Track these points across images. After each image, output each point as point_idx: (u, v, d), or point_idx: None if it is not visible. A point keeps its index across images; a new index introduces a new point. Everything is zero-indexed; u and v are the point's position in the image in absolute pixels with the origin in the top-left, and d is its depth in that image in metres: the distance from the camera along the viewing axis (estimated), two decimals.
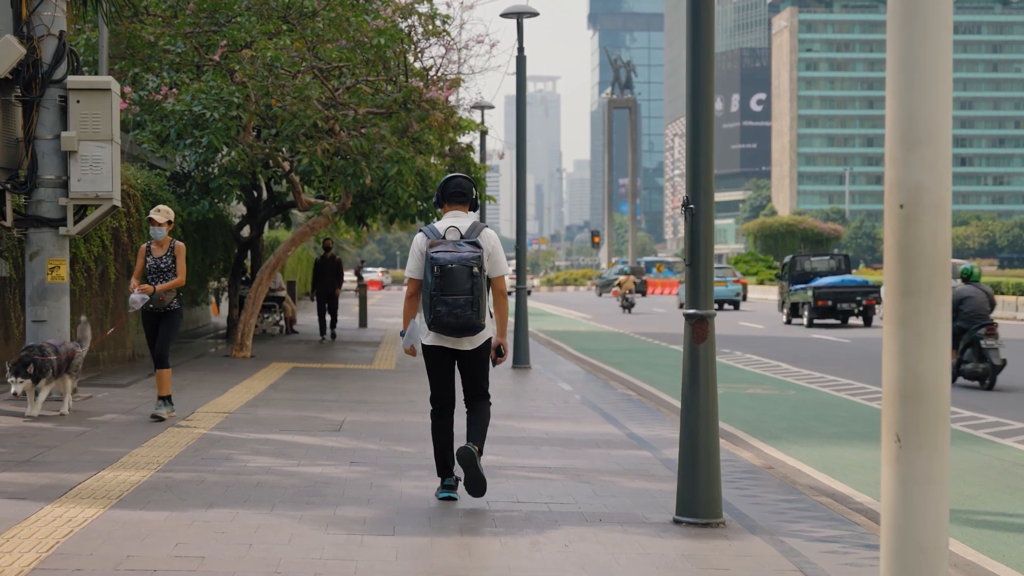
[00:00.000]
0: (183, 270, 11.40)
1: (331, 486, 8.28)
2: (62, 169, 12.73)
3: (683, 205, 7.42)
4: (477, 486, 7.67)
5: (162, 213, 11.38)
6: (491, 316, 7.89)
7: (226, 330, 23.98)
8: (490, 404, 8.00)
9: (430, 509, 7.64)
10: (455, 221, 7.80)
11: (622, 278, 47.47)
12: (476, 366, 7.85)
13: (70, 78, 12.70)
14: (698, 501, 7.39)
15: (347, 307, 41.66)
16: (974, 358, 17.08)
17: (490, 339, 7.86)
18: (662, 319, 39.90)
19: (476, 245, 7.64)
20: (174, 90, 17.79)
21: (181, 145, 17.80)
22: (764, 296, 61.37)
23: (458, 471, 8.17)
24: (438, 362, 7.81)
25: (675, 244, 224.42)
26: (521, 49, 19.56)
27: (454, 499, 7.87)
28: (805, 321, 34.97)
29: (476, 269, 7.54)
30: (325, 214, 20.14)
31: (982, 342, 16.89)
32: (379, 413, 12.57)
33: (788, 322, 36.44)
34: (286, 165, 19.66)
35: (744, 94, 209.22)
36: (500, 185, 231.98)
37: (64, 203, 12.69)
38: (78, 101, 12.64)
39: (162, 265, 11.41)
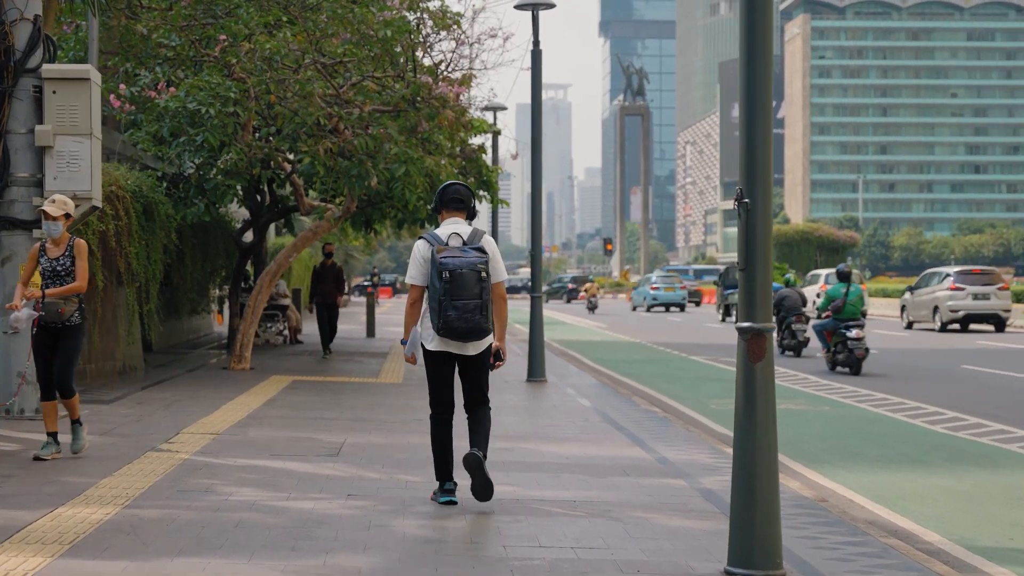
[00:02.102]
0: (84, 273, 9.44)
1: (323, 526, 7.15)
2: (36, 166, 11.66)
3: (736, 200, 6.30)
4: (484, 492, 7.73)
5: (56, 205, 9.48)
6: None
7: (228, 340, 22.86)
8: (490, 409, 8.02)
9: (437, 556, 6.51)
10: (456, 228, 7.90)
11: (588, 285, 59.07)
12: (478, 371, 7.92)
13: (46, 67, 11.64)
14: (755, 548, 6.25)
15: (356, 315, 40.62)
16: (789, 337, 24.47)
17: (491, 345, 7.93)
18: (676, 327, 38.81)
19: (481, 251, 7.76)
20: (171, 88, 16.70)
21: (175, 144, 16.74)
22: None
23: (458, 478, 8.17)
24: (440, 367, 7.86)
25: (687, 253, 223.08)
26: (537, 43, 18.43)
27: (455, 503, 7.88)
28: (734, 318, 40.08)
29: (484, 273, 7.66)
30: (327, 218, 19.04)
31: (793, 326, 24.32)
32: (382, 434, 11.45)
33: (723, 320, 43.56)
34: (287, 166, 18.55)
35: None
36: (511, 192, 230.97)
37: (38, 203, 11.59)
38: (54, 92, 11.58)
39: (59, 268, 9.32)
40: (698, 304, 62.90)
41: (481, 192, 22.33)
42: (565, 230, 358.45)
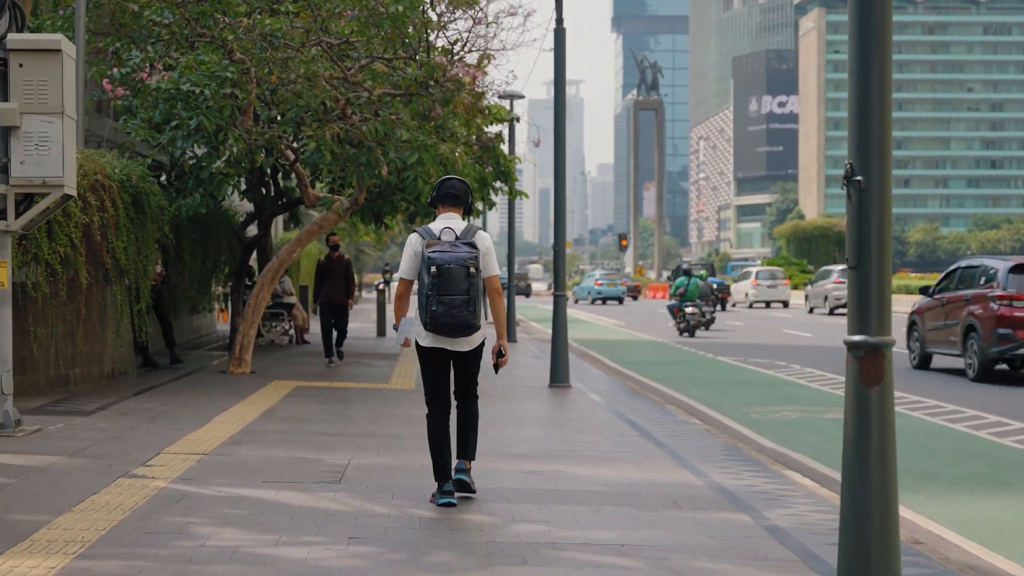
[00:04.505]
0: None
1: None
2: (1, 149, 10.30)
3: (845, 178, 4.92)
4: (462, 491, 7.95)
5: None
6: (487, 319, 6.56)
7: (229, 340, 21.45)
8: (477, 400, 8.07)
9: None
10: (449, 223, 7.88)
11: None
12: (470, 368, 7.93)
13: (11, 37, 10.29)
14: None
15: (365, 313, 39.27)
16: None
17: (484, 341, 7.93)
18: None
19: (472, 246, 7.73)
20: (165, 74, 15.34)
21: (168, 129, 15.40)
22: (796, 301, 59.20)
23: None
24: (435, 363, 7.85)
25: (700, 248, 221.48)
26: (560, 21, 17.05)
27: (453, 505, 7.77)
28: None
29: (473, 269, 7.62)
30: (335, 210, 17.66)
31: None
32: (393, 453, 10.08)
33: None
34: (290, 154, 17.17)
35: (770, 96, 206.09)
36: (523, 186, 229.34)
37: (3, 191, 10.28)
38: (21, 65, 10.24)
39: None
40: (635, 299, 73.84)
41: (498, 184, 20.98)
42: (578, 226, 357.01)
